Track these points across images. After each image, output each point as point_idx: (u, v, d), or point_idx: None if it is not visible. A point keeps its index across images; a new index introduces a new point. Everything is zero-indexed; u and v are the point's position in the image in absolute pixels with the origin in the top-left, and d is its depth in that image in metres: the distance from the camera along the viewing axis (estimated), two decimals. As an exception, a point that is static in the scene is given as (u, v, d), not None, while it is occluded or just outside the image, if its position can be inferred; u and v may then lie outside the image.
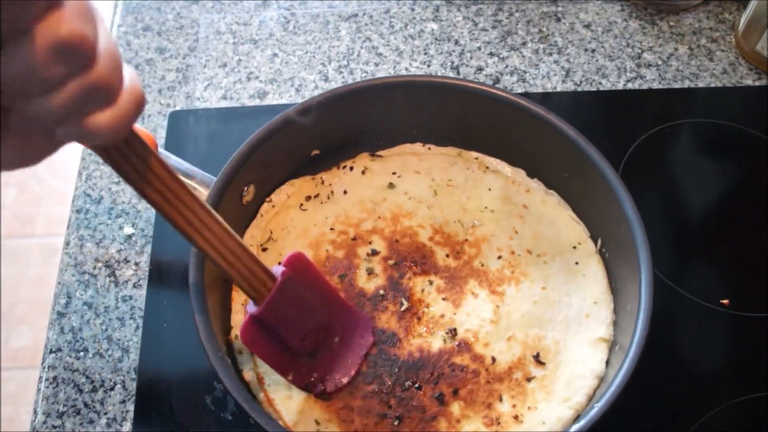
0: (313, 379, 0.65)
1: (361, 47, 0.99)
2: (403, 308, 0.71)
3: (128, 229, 0.81)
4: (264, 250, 0.74)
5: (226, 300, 0.71)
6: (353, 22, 1.02)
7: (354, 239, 0.75)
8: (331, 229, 0.76)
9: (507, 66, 0.97)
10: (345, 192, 0.79)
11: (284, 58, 0.98)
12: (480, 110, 0.77)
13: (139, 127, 0.69)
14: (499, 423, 0.64)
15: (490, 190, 0.78)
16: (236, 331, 0.68)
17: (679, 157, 0.89)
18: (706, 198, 0.86)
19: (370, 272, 0.73)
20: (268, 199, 0.77)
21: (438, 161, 0.81)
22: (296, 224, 0.76)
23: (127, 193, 0.84)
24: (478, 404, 0.65)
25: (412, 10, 1.03)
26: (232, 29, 1.01)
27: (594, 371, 0.66)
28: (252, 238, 0.75)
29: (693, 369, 0.73)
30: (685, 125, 0.91)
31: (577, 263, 0.73)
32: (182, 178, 0.51)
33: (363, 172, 0.80)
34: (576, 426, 0.58)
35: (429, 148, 0.82)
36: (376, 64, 0.97)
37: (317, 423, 0.64)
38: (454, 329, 0.69)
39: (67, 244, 0.81)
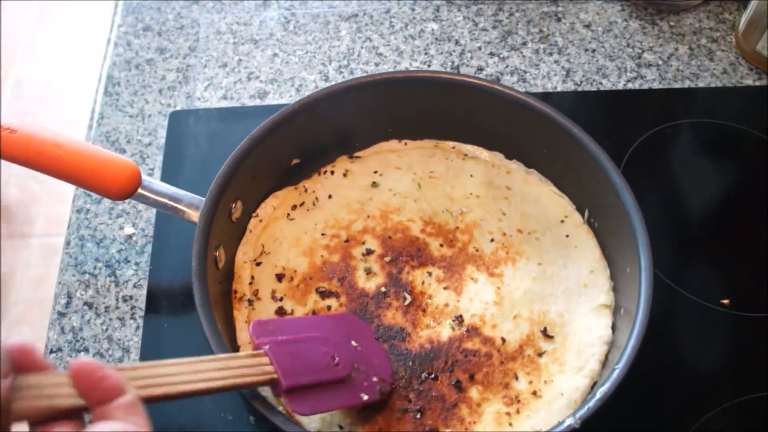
0: (375, 380, 0.64)
1: (362, 47, 0.99)
2: (406, 302, 0.71)
3: (128, 229, 0.82)
4: (258, 264, 0.74)
5: (229, 317, 0.71)
6: (353, 22, 1.02)
7: (347, 241, 0.76)
8: (323, 234, 0.76)
9: (507, 66, 0.97)
10: (330, 196, 0.79)
11: (284, 58, 0.98)
12: (450, 99, 0.79)
13: (125, 162, 0.70)
14: (519, 401, 0.65)
15: (472, 176, 0.80)
16: (245, 350, 0.68)
17: (679, 157, 0.89)
18: (706, 198, 0.86)
19: (369, 271, 0.73)
20: (254, 215, 0.77)
21: (417, 155, 0.82)
22: (287, 235, 0.76)
23: (127, 193, 0.85)
24: (496, 385, 0.66)
25: (413, 10, 1.03)
26: (233, 29, 1.01)
27: (602, 337, 0.68)
28: (244, 255, 0.75)
29: (693, 369, 0.73)
30: (685, 125, 0.91)
31: (567, 236, 0.75)
32: None
33: (344, 175, 0.81)
34: (603, 387, 0.59)
35: (405, 144, 0.83)
36: (377, 64, 0.97)
37: (341, 427, 0.64)
38: (460, 316, 0.70)
39: (68, 244, 0.81)
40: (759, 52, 0.94)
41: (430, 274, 0.73)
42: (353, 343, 0.66)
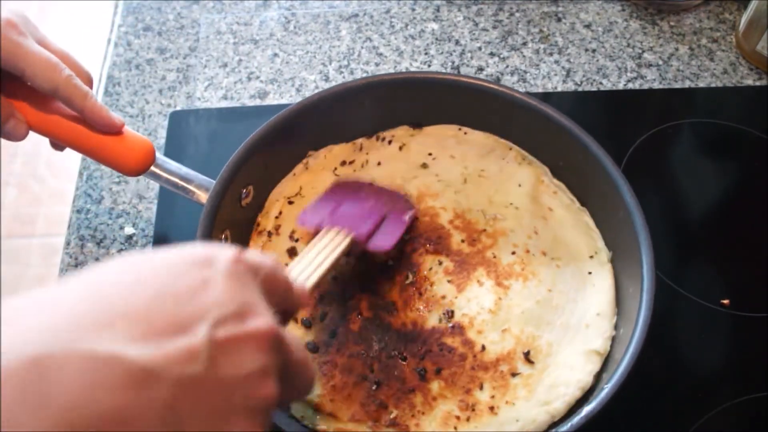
0: (402, 204, 0.74)
1: (362, 47, 0.99)
2: (407, 281, 0.72)
3: (129, 230, 0.82)
4: (290, 203, 0.77)
5: None
6: (354, 22, 1.02)
7: None
8: None
9: (507, 66, 0.97)
10: (379, 164, 0.80)
11: (285, 58, 0.98)
12: (517, 117, 0.78)
13: (141, 138, 0.70)
14: (473, 410, 0.64)
15: (519, 186, 0.78)
16: None
17: (679, 157, 0.89)
18: (707, 198, 0.86)
19: None
20: (303, 160, 0.80)
21: (475, 148, 0.81)
22: (326, 186, 0.77)
23: (128, 193, 0.85)
24: (458, 387, 0.65)
25: (413, 10, 1.03)
26: (233, 29, 1.01)
27: (580, 382, 0.65)
28: (280, 192, 0.78)
29: (693, 369, 0.73)
30: (685, 125, 0.91)
31: (590, 273, 0.72)
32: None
33: (400, 148, 0.81)
34: (589, 407, 0.59)
35: (465, 133, 0.82)
36: (377, 64, 0.97)
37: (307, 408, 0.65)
38: (452, 311, 0.69)
39: (68, 244, 0.81)
40: (759, 52, 0.94)
41: (440, 263, 0.73)
42: (362, 194, 0.74)
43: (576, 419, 0.58)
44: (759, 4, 0.92)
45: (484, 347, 0.67)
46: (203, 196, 0.71)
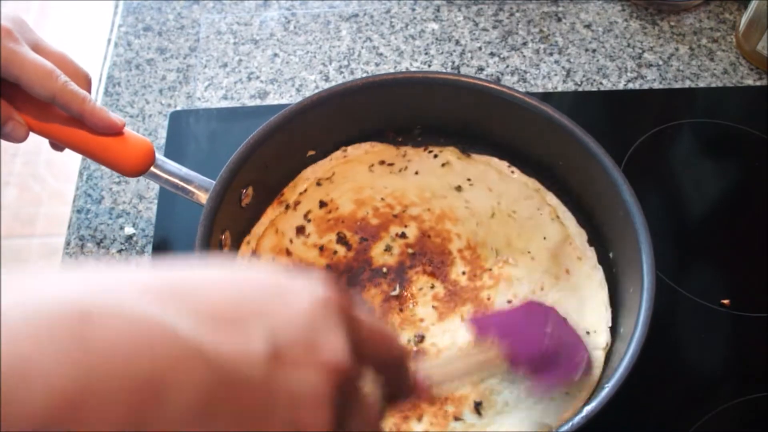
0: (578, 359, 0.65)
1: (362, 47, 0.99)
2: (393, 293, 0.71)
3: (129, 230, 0.82)
4: (318, 184, 0.79)
5: None
6: (354, 22, 1.02)
7: (395, 216, 0.77)
8: (382, 198, 0.78)
9: (508, 66, 0.97)
10: (417, 173, 0.80)
11: (285, 58, 0.98)
12: (517, 117, 0.77)
13: (141, 138, 0.70)
14: None
15: (545, 238, 0.75)
16: None
17: (679, 157, 0.89)
18: (707, 198, 0.86)
19: (388, 249, 0.74)
20: (343, 148, 0.81)
21: (515, 189, 0.78)
22: (357, 179, 0.79)
23: (128, 193, 0.85)
24: (397, 410, 0.64)
25: (413, 10, 1.03)
26: (233, 29, 1.01)
27: None
28: (313, 173, 0.79)
29: (693, 369, 0.73)
30: (685, 125, 0.91)
31: None
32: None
33: (443, 165, 0.81)
34: (589, 406, 0.58)
35: (513, 171, 0.80)
36: (377, 64, 0.97)
37: None
38: (423, 336, 0.69)
39: (68, 244, 0.81)
40: (759, 52, 0.94)
41: (432, 287, 0.72)
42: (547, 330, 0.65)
43: (576, 419, 0.58)
44: (759, 4, 0.92)
45: None
46: (203, 197, 0.71)
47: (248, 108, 0.92)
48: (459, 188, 0.79)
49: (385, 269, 0.73)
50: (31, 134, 0.68)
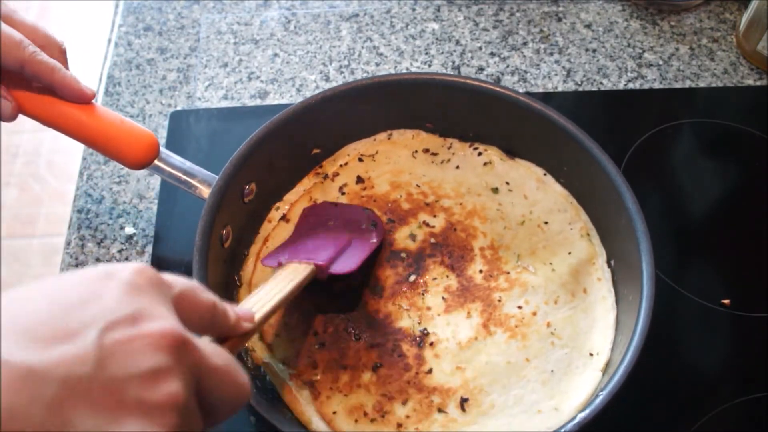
0: (364, 227, 0.74)
1: (362, 47, 0.99)
2: (408, 279, 0.72)
3: (129, 229, 0.82)
4: (360, 160, 0.81)
5: (231, 298, 0.71)
6: (354, 22, 1.02)
7: (427, 205, 0.78)
8: (418, 185, 0.79)
9: (508, 66, 0.97)
10: (457, 167, 0.81)
11: (285, 58, 0.98)
12: (518, 119, 0.78)
13: (145, 131, 0.70)
14: (383, 416, 0.64)
15: (569, 254, 0.74)
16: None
17: (679, 156, 0.89)
18: (707, 198, 0.86)
19: (412, 236, 0.75)
20: (389, 132, 0.82)
21: (550, 200, 0.78)
22: (398, 162, 0.81)
23: (128, 193, 0.85)
24: (384, 390, 0.66)
25: (413, 10, 1.03)
26: (233, 29, 1.01)
27: None
28: (355, 149, 0.82)
29: (693, 369, 0.73)
30: (685, 125, 0.91)
31: (577, 367, 0.67)
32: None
33: (485, 164, 0.81)
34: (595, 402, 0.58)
35: (550, 182, 0.79)
36: (377, 64, 0.97)
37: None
38: (426, 330, 0.69)
39: (68, 244, 0.81)
40: (759, 52, 0.94)
41: (447, 277, 0.73)
42: (330, 223, 0.75)
43: (569, 425, 0.58)
44: (759, 4, 0.92)
45: (431, 370, 0.67)
46: (205, 191, 0.71)
47: (248, 108, 0.92)
48: (496, 190, 0.79)
49: (404, 254, 0.74)
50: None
